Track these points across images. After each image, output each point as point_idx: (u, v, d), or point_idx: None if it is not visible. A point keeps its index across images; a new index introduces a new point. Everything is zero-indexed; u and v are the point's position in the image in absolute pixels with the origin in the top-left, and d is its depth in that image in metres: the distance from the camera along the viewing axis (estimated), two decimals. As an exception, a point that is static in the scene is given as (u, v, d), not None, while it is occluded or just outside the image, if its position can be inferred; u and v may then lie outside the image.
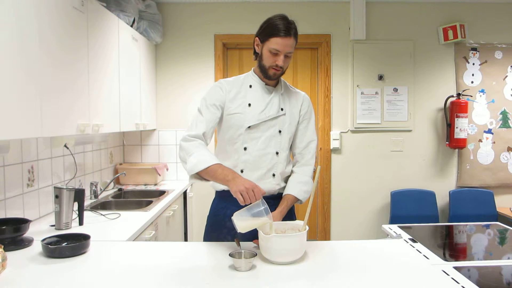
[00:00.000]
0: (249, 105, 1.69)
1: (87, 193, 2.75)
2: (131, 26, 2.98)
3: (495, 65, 3.71)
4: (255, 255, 1.40)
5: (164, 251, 1.61)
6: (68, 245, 1.55)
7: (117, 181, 3.39)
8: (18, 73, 1.55)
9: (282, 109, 1.72)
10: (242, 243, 1.59)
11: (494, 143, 3.73)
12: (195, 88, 3.65)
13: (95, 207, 2.54)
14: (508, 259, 1.72)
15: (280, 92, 1.75)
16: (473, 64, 3.71)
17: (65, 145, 2.41)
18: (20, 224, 1.66)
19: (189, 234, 3.48)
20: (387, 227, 2.12)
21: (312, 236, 3.79)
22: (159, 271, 1.36)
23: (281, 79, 1.78)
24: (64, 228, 1.96)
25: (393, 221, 3.53)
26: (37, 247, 1.61)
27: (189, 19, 3.65)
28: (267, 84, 1.74)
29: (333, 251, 1.60)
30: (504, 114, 3.73)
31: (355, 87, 3.69)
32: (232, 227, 1.54)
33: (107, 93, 2.49)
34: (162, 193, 3.05)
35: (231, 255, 1.40)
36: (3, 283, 1.26)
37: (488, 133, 3.73)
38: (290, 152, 1.79)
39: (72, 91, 2.01)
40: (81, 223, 2.05)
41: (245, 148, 1.69)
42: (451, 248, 1.97)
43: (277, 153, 1.71)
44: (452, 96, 3.68)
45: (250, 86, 1.73)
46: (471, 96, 3.69)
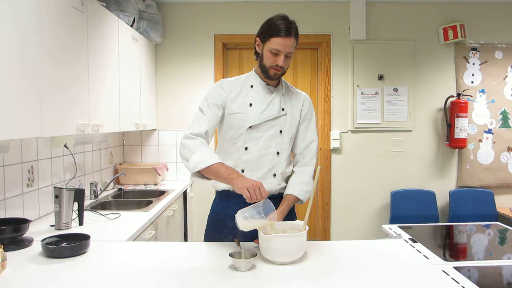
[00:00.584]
0: (250, 105, 1.70)
1: (87, 193, 2.75)
2: (131, 26, 2.98)
3: (495, 65, 3.71)
4: (255, 255, 1.40)
5: (164, 251, 1.61)
6: (68, 245, 1.55)
7: (117, 181, 3.39)
8: (18, 73, 1.55)
9: (283, 109, 1.72)
10: (242, 243, 1.59)
11: (494, 143, 3.73)
12: (195, 88, 3.65)
13: (95, 207, 2.54)
14: (508, 259, 1.72)
15: (281, 92, 1.75)
16: (473, 64, 3.71)
17: (65, 145, 2.41)
18: (20, 224, 1.66)
19: (189, 234, 3.48)
20: (387, 227, 2.12)
21: (312, 236, 3.78)
22: (159, 271, 1.36)
23: (282, 79, 1.79)
24: (64, 228, 1.96)
25: (393, 221, 3.53)
26: (37, 247, 1.61)
27: (189, 19, 3.65)
28: (268, 84, 1.74)
29: (333, 251, 1.60)
30: (504, 114, 3.73)
31: (355, 87, 3.68)
32: (233, 226, 1.54)
33: (107, 93, 2.49)
34: (162, 193, 3.05)
35: (231, 255, 1.40)
36: (3, 283, 1.26)
37: (488, 133, 3.73)
38: (291, 152, 1.79)
39: (72, 91, 2.00)
40: (81, 223, 2.05)
41: (246, 148, 1.69)
42: (451, 248, 1.97)
43: (278, 153, 1.71)
44: (452, 96, 3.68)
45: (251, 86, 1.73)
46: (471, 96, 3.69)
